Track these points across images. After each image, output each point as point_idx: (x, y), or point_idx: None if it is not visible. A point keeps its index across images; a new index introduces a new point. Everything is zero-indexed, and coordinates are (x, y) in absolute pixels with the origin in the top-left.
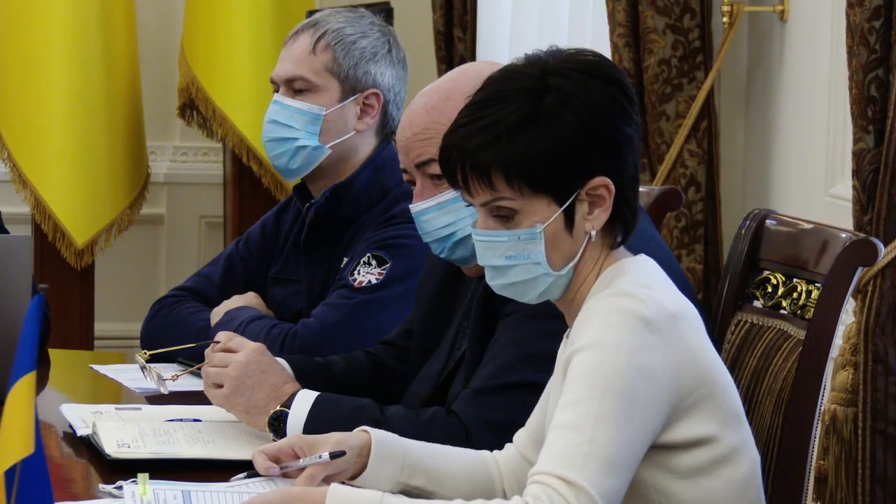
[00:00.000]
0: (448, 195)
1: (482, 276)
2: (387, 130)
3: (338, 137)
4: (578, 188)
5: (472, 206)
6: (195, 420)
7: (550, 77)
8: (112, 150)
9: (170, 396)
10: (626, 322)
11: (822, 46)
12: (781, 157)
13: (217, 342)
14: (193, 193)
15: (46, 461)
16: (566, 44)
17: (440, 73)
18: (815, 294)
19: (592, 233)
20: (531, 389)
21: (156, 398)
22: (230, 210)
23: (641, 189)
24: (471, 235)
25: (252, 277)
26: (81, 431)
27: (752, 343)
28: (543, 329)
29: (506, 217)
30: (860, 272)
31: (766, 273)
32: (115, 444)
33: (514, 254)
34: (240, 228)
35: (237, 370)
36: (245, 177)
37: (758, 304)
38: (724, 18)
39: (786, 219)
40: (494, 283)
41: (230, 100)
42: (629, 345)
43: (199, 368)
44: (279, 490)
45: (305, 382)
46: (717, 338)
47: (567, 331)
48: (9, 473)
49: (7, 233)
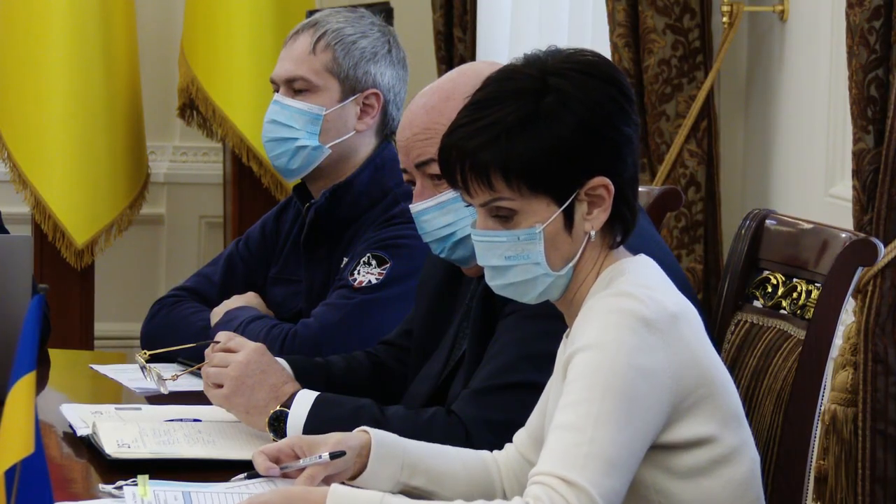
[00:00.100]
0: (448, 195)
1: (482, 277)
2: (387, 130)
3: (338, 137)
4: (578, 188)
5: (472, 207)
6: (195, 420)
7: (549, 77)
8: (112, 150)
9: (170, 396)
10: (626, 322)
11: (822, 46)
12: (781, 157)
13: (217, 342)
14: (193, 193)
15: (46, 461)
16: (566, 44)
17: (440, 73)
18: (815, 294)
19: (592, 233)
20: (531, 389)
21: (156, 398)
22: (230, 210)
23: (641, 189)
24: (470, 235)
25: (252, 277)
26: (81, 431)
27: (752, 343)
28: (543, 329)
29: (505, 217)
30: (860, 272)
31: (766, 273)
32: (115, 444)
33: (514, 254)
34: (240, 228)
35: (237, 370)
36: (245, 177)
37: (758, 304)
38: (724, 18)
39: (786, 219)
40: (494, 284)
41: (230, 100)
42: (629, 345)
43: (199, 368)
44: (279, 490)
45: (305, 382)
46: (717, 338)
47: (567, 331)
48: (9, 473)
49: (7, 233)
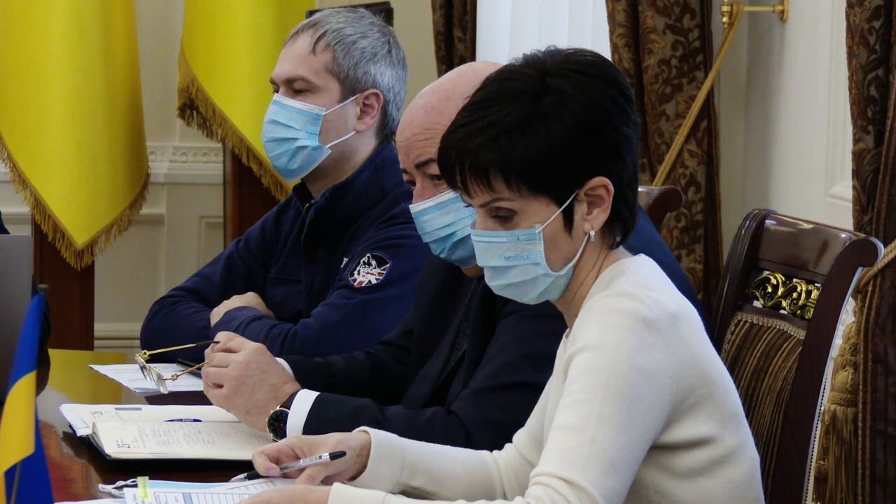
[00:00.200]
0: (448, 195)
1: (482, 277)
2: (386, 131)
3: (338, 138)
4: (577, 188)
5: (472, 207)
6: (195, 420)
7: (549, 78)
8: (112, 150)
9: (170, 396)
10: (626, 322)
11: (822, 46)
12: (781, 158)
13: (217, 342)
14: (193, 193)
15: (46, 461)
16: (566, 44)
17: (440, 74)
18: (815, 294)
19: (591, 233)
20: (531, 389)
21: (156, 398)
22: (230, 210)
23: (641, 189)
24: (470, 236)
25: (252, 277)
26: (81, 431)
27: (752, 343)
28: (543, 329)
29: (505, 218)
30: (860, 272)
31: (766, 273)
32: (115, 445)
33: (514, 254)
34: (240, 228)
35: (237, 370)
36: (245, 177)
37: (758, 304)
38: (724, 18)
39: (786, 219)
40: (494, 284)
41: (230, 100)
42: (629, 345)
43: (199, 368)
44: (281, 489)
45: (305, 382)
46: (717, 338)
47: (567, 331)
48: (9, 473)
49: (7, 233)
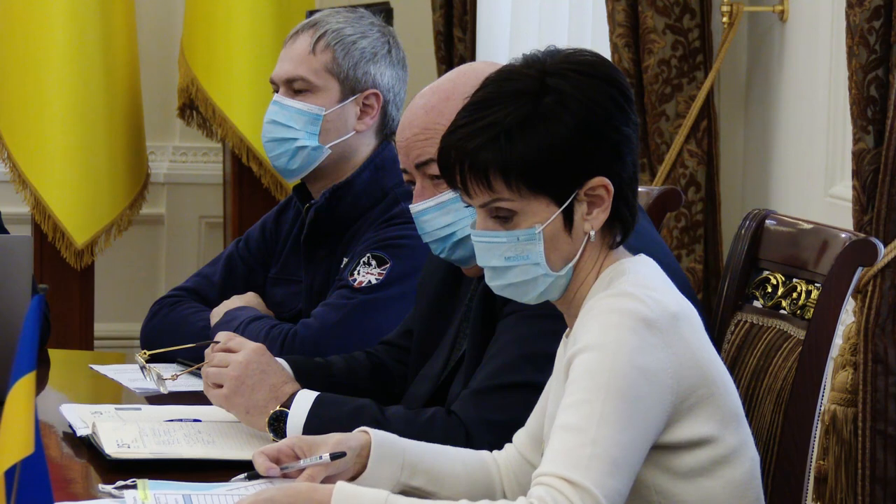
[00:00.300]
0: (448, 195)
1: (482, 277)
2: (386, 131)
3: (337, 138)
4: (577, 188)
5: (472, 207)
6: (195, 420)
7: (548, 78)
8: (112, 150)
9: (170, 396)
10: (627, 322)
11: (822, 46)
12: (781, 158)
13: (217, 342)
14: (193, 193)
15: (46, 461)
16: (566, 44)
17: (440, 74)
18: (815, 294)
19: (591, 233)
20: (531, 389)
21: (156, 398)
22: (230, 210)
23: (641, 189)
24: (470, 236)
25: (252, 277)
26: (81, 431)
27: (752, 343)
28: (543, 329)
29: (505, 218)
30: (860, 272)
31: (766, 273)
32: (115, 445)
33: (514, 254)
34: (240, 228)
35: (237, 370)
36: (245, 177)
37: (758, 304)
38: (724, 18)
39: (786, 219)
40: (494, 284)
41: (230, 100)
42: (630, 345)
43: (199, 368)
44: (284, 486)
45: (305, 382)
46: (717, 338)
47: (567, 331)
48: (9, 473)
49: (7, 233)
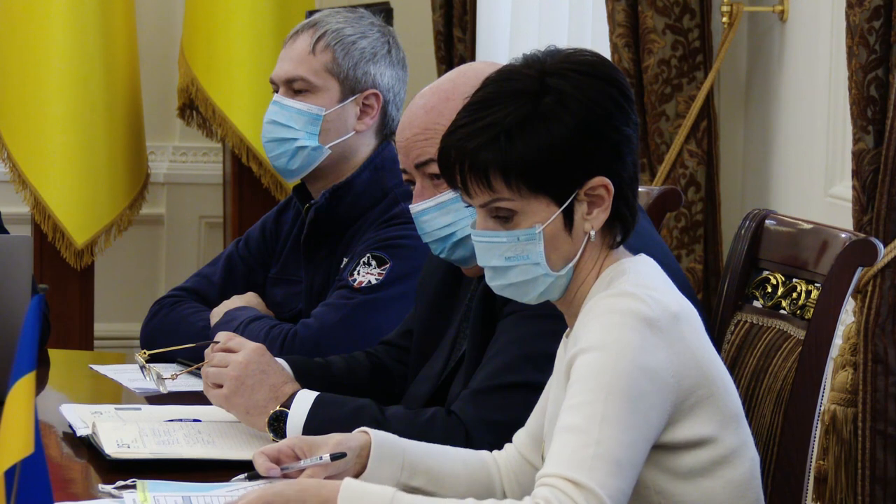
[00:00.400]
0: (448, 195)
1: (482, 277)
2: (386, 131)
3: (337, 138)
4: (577, 188)
5: (472, 207)
6: (195, 420)
7: (548, 78)
8: (112, 150)
9: (170, 396)
10: (628, 322)
11: (822, 46)
12: (781, 158)
13: (217, 342)
14: (193, 193)
15: (46, 461)
16: (566, 44)
17: (440, 74)
18: (815, 294)
19: (592, 233)
20: (531, 389)
21: (156, 398)
22: (230, 210)
23: (641, 189)
24: (470, 236)
25: (252, 278)
26: (81, 431)
27: (752, 343)
28: (543, 329)
29: (505, 218)
30: (860, 272)
31: (766, 273)
32: (115, 445)
33: (514, 254)
34: (240, 229)
35: (237, 370)
36: (245, 177)
37: (758, 304)
38: (724, 18)
39: (785, 219)
40: (494, 284)
41: (230, 100)
42: (632, 345)
43: (199, 368)
44: (292, 482)
45: (305, 383)
46: (717, 338)
47: (567, 330)
48: (9, 473)
49: (7, 233)
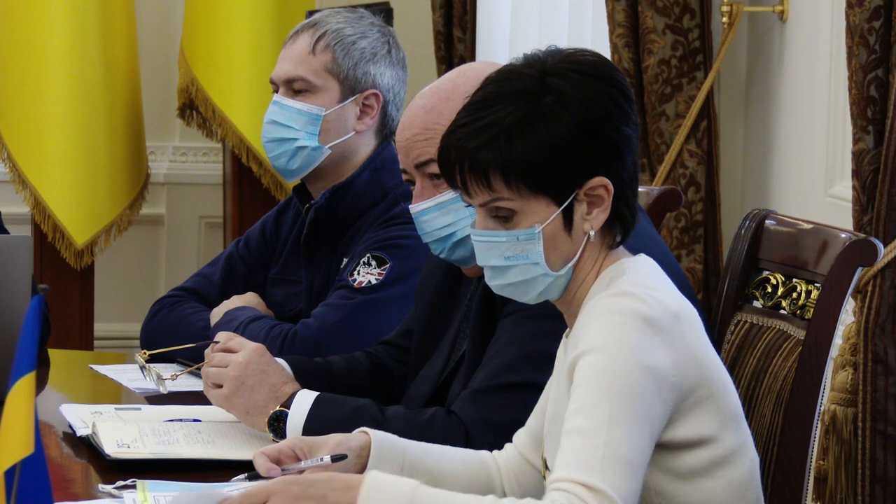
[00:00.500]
0: (447, 195)
1: (482, 277)
2: (386, 131)
3: (337, 138)
4: (577, 188)
5: (472, 207)
6: (195, 420)
7: (548, 78)
8: (112, 150)
9: (170, 396)
10: (629, 322)
11: (822, 46)
12: (781, 158)
13: (217, 342)
14: (193, 193)
15: (46, 461)
16: (566, 44)
17: (440, 74)
18: (815, 294)
19: (591, 233)
20: (531, 389)
21: (156, 398)
22: (230, 210)
23: (641, 189)
24: (470, 236)
25: (252, 278)
26: (81, 431)
27: (752, 343)
28: (543, 329)
29: (504, 217)
30: (860, 272)
31: (766, 273)
32: (115, 445)
33: (513, 254)
34: (240, 229)
35: (237, 370)
36: (245, 177)
37: (758, 304)
38: (724, 19)
39: (785, 219)
40: (493, 284)
41: (230, 100)
42: (633, 345)
43: (199, 368)
44: (324, 474)
45: (305, 383)
46: (717, 338)
47: (566, 330)
48: (9, 473)
49: (7, 233)
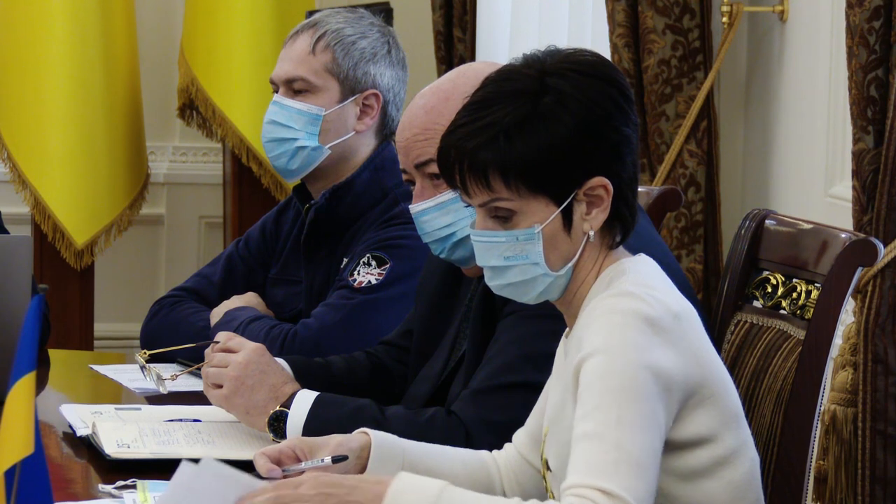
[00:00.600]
0: (447, 195)
1: (482, 277)
2: (386, 131)
3: (337, 138)
4: (576, 188)
5: (471, 207)
6: (195, 420)
7: (548, 78)
8: (112, 150)
9: (170, 396)
10: (630, 322)
11: (822, 46)
12: (781, 158)
13: (217, 342)
14: (193, 194)
15: (46, 461)
16: (566, 44)
17: (440, 74)
18: (815, 294)
19: (591, 233)
20: (531, 389)
21: (156, 398)
22: (230, 210)
23: (641, 189)
24: (470, 236)
25: (252, 278)
26: (81, 431)
27: (752, 343)
28: (543, 329)
29: (504, 218)
30: (860, 272)
31: (766, 273)
32: (115, 445)
33: (513, 254)
34: (240, 229)
35: (237, 370)
36: (245, 177)
37: (758, 304)
38: (724, 19)
39: (785, 219)
40: (493, 284)
41: (230, 100)
42: (636, 345)
43: (199, 368)
44: (353, 477)
45: (305, 383)
46: (717, 338)
47: (566, 330)
48: (9, 473)
49: (7, 233)
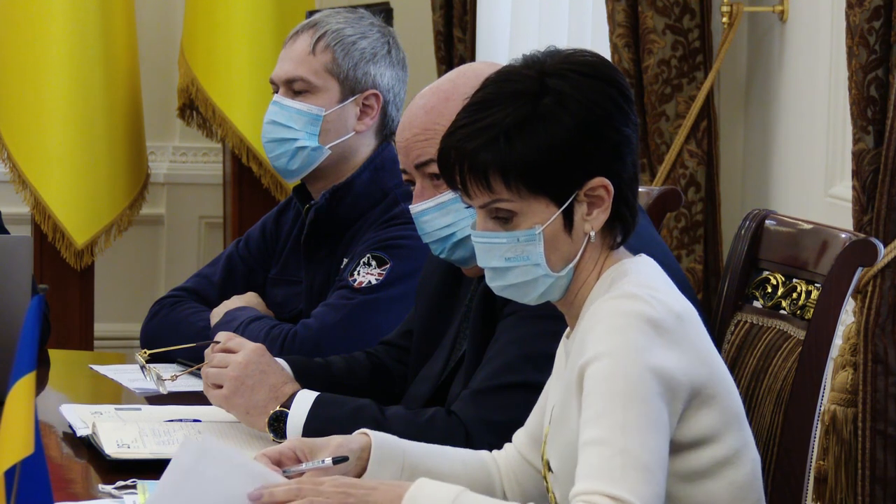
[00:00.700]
0: (448, 196)
1: (482, 277)
2: (386, 131)
3: (337, 138)
4: (577, 189)
5: (472, 208)
6: (195, 420)
7: (548, 78)
8: (112, 150)
9: (170, 396)
10: (633, 324)
11: (822, 47)
12: (781, 158)
13: (217, 342)
14: (193, 194)
15: (46, 461)
16: (566, 44)
17: (440, 74)
18: (815, 294)
19: (592, 233)
20: (531, 389)
21: (156, 398)
22: (230, 210)
23: (641, 189)
24: (470, 236)
25: (252, 278)
26: (81, 432)
27: (752, 343)
28: (543, 329)
29: (504, 218)
30: (860, 272)
31: (766, 273)
32: (115, 445)
33: (514, 255)
34: (240, 229)
35: (237, 371)
36: (245, 177)
37: (758, 305)
38: (724, 19)
39: (785, 219)
40: (494, 285)
41: (230, 100)
42: (639, 347)
43: (199, 369)
44: (371, 482)
45: (305, 383)
46: (717, 338)
47: (567, 331)
48: (9, 474)
49: (7, 233)
